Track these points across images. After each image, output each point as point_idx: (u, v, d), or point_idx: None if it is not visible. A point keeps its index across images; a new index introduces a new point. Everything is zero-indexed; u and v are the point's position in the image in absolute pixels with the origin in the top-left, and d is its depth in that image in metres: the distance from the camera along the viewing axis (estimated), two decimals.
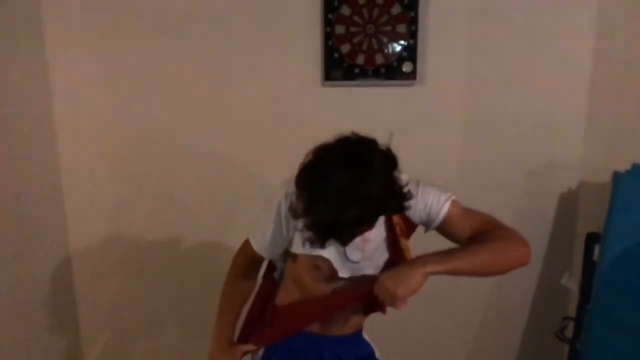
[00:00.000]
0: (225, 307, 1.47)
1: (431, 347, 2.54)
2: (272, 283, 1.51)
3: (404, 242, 1.29)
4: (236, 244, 1.48)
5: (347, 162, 1.06)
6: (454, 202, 1.28)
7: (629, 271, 1.85)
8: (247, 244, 1.41)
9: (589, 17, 2.17)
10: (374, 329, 1.54)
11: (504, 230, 1.24)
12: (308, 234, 1.12)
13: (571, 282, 2.18)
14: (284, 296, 1.46)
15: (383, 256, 1.33)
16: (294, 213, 1.14)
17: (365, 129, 1.34)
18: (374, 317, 1.45)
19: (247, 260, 1.44)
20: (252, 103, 2.37)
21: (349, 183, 1.03)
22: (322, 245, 1.14)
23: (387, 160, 1.11)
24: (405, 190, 1.14)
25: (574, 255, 2.31)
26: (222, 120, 2.41)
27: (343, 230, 1.08)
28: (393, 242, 1.30)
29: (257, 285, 1.53)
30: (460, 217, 1.27)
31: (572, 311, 2.22)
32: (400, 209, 1.17)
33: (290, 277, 1.43)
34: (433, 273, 1.14)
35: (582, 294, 2.09)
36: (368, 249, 1.27)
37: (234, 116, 2.40)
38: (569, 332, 2.14)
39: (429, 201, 1.26)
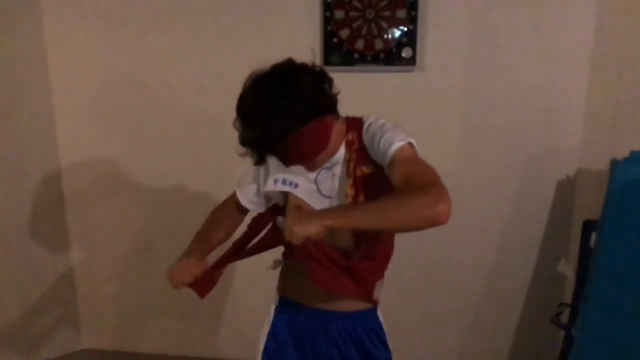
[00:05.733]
0: (203, 233, 1.46)
1: (427, 332, 2.57)
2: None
3: (349, 181, 1.27)
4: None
5: (263, 81, 1.17)
6: (408, 145, 1.19)
7: (625, 258, 1.86)
8: (234, 194, 1.49)
9: (589, 3, 2.16)
10: None
11: (425, 187, 1.06)
12: (245, 151, 1.20)
13: (567, 269, 2.19)
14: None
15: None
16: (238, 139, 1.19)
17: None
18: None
19: (232, 205, 1.50)
20: None
21: (261, 98, 1.14)
22: (260, 162, 1.23)
23: (313, 75, 1.18)
24: (328, 101, 1.21)
25: (571, 242, 2.32)
26: (220, 105, 2.40)
27: (270, 143, 1.15)
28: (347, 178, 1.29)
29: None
30: (404, 161, 1.16)
31: (568, 297, 2.24)
32: (315, 116, 1.17)
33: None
34: (331, 227, 1.06)
35: (578, 281, 2.10)
36: (337, 183, 1.29)
37: (232, 102, 2.39)
38: (565, 318, 2.16)
39: (384, 137, 1.21)
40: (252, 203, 1.46)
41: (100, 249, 2.69)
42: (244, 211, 1.50)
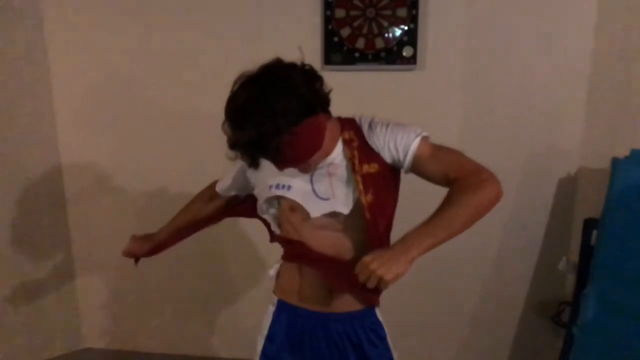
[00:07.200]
0: (177, 214, 1.72)
1: (427, 331, 2.57)
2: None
3: (357, 177, 1.25)
4: None
5: (254, 81, 1.15)
6: (423, 140, 1.26)
7: (626, 257, 1.86)
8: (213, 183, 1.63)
9: (590, 2, 2.16)
10: None
11: (472, 176, 1.24)
12: (234, 155, 1.18)
13: (568, 267, 2.19)
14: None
15: (354, 193, 1.28)
16: (228, 142, 1.18)
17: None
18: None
19: (207, 193, 1.66)
20: None
21: (253, 98, 1.11)
22: (254, 165, 1.19)
23: (304, 74, 1.17)
24: (321, 99, 1.20)
25: (572, 241, 2.32)
26: (222, 105, 2.41)
27: (263, 144, 1.11)
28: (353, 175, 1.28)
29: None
30: (431, 157, 1.26)
31: (568, 296, 2.24)
32: (308, 114, 1.15)
33: (281, 229, 1.44)
34: (417, 257, 1.09)
35: (579, 279, 2.10)
36: (335, 184, 1.28)
37: None
38: (565, 317, 2.16)
39: (398, 138, 1.25)
40: (224, 188, 1.58)
41: (101, 247, 2.69)
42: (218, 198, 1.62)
